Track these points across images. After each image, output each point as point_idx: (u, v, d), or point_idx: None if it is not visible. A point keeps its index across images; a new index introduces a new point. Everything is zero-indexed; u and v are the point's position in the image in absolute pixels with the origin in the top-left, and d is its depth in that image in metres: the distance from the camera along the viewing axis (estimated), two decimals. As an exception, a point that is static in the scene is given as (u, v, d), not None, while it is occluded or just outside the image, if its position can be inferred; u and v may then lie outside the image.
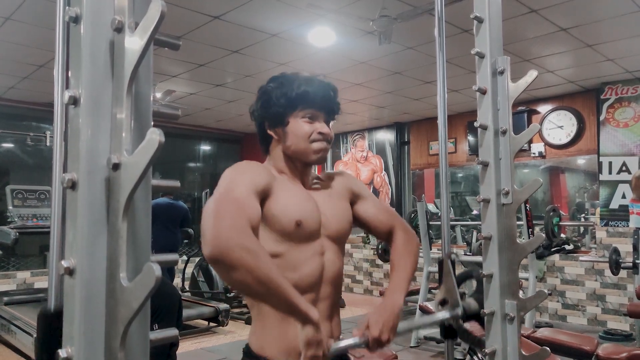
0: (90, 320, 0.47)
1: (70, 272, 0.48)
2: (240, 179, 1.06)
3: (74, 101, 0.49)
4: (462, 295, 1.32)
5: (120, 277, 0.47)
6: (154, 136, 0.45)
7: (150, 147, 0.45)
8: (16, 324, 4.02)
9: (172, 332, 0.52)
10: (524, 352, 1.17)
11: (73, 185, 0.49)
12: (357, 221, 1.31)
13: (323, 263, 1.17)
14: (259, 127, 1.23)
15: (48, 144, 5.44)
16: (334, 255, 1.19)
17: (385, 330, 1.07)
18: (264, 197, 1.09)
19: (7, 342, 4.09)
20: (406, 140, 6.94)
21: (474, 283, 1.37)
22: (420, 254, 4.86)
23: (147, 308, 0.50)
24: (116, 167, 0.48)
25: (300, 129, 1.17)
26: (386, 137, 7.08)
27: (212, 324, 4.84)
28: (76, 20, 0.51)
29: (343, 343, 1.05)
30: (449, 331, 1.31)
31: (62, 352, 0.47)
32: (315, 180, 1.28)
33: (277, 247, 1.10)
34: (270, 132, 1.21)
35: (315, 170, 1.32)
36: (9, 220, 4.76)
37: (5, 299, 4.72)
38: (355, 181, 1.36)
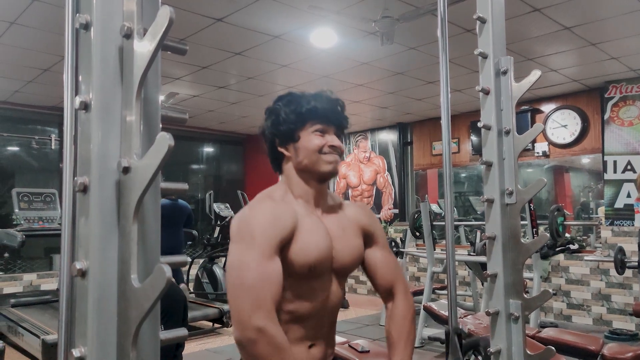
0: (102, 321, 0.48)
1: (82, 273, 0.49)
2: (260, 237, 1.07)
3: (85, 106, 0.50)
4: None
5: (132, 278, 0.48)
6: (164, 140, 0.46)
7: (160, 151, 0.46)
8: (23, 325, 4.04)
9: (182, 332, 0.53)
10: (529, 352, 1.17)
11: (84, 189, 0.50)
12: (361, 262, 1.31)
13: (328, 295, 1.20)
14: (270, 146, 1.23)
15: (53, 147, 5.47)
16: (337, 287, 1.23)
17: None
18: (285, 243, 1.11)
19: (15, 344, 4.11)
20: (409, 140, 6.94)
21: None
22: (424, 254, 4.86)
23: (157, 308, 0.51)
24: (126, 170, 0.49)
25: (311, 142, 1.17)
26: (389, 137, 7.08)
27: (216, 325, 4.85)
28: (86, 27, 0.52)
29: None
30: None
31: (75, 352, 0.48)
32: (332, 206, 1.26)
33: (284, 281, 1.11)
34: (281, 149, 1.21)
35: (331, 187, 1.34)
36: (14, 222, 4.79)
37: (12, 301, 4.75)
38: (374, 220, 1.34)
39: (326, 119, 1.19)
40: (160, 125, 0.55)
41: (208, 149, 8.03)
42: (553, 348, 1.15)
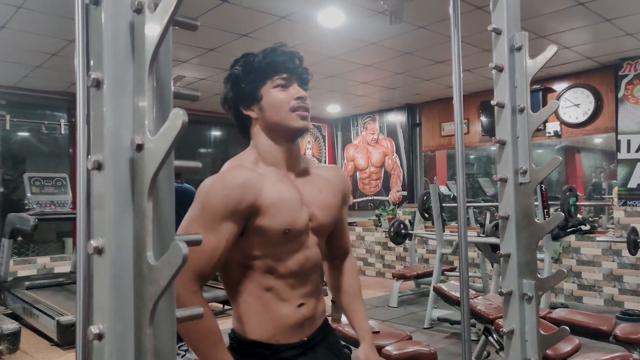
0: (119, 298, 0.49)
1: (99, 251, 0.49)
2: (207, 209, 1.06)
3: (97, 83, 0.50)
4: None
5: (147, 255, 0.48)
6: (177, 116, 0.45)
7: (173, 127, 0.46)
8: (38, 307, 4.13)
9: (198, 310, 0.53)
10: (542, 332, 1.17)
11: (99, 167, 0.49)
12: None
13: (306, 255, 1.18)
14: (235, 113, 1.19)
15: (63, 132, 5.50)
16: (316, 247, 1.21)
17: None
18: (248, 214, 1.08)
19: (30, 325, 4.21)
20: (417, 121, 6.88)
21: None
22: (433, 236, 4.86)
23: (173, 287, 0.51)
24: (140, 147, 0.49)
25: (276, 98, 1.13)
26: (397, 119, 7.02)
27: (227, 307, 4.93)
28: (96, 2, 0.51)
29: None
30: None
31: (93, 329, 0.48)
32: (306, 169, 1.25)
33: (261, 250, 1.12)
34: (247, 112, 1.17)
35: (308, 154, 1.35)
36: (27, 207, 4.86)
37: (27, 283, 4.85)
38: (347, 183, 1.36)
39: (286, 71, 1.14)
40: (172, 102, 0.54)
41: (215, 133, 8.03)
42: (567, 328, 1.14)
